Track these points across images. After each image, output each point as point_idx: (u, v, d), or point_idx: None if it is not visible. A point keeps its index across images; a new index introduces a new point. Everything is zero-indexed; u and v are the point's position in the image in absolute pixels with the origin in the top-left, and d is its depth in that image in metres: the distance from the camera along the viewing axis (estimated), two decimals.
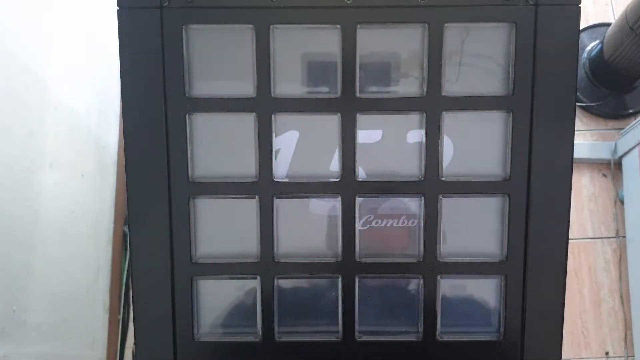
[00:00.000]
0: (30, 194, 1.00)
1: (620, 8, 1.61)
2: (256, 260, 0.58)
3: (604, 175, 1.56)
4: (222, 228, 0.59)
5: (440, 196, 0.58)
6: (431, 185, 0.58)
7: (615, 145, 1.54)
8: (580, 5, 0.56)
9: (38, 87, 1.03)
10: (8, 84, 0.91)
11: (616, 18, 1.46)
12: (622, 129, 1.54)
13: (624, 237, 1.50)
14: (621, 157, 1.52)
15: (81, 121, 1.23)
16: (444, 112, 0.57)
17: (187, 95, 0.57)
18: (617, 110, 1.59)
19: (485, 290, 0.60)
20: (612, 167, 1.54)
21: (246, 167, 0.58)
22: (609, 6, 1.68)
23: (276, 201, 0.58)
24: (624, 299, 1.47)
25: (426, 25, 0.56)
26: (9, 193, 0.92)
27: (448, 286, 0.60)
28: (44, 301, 1.05)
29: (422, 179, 0.58)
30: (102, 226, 1.34)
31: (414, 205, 0.59)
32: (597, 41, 1.59)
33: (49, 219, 1.07)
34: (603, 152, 1.56)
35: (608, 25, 1.57)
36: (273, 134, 0.58)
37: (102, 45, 1.29)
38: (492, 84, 0.58)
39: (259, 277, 0.58)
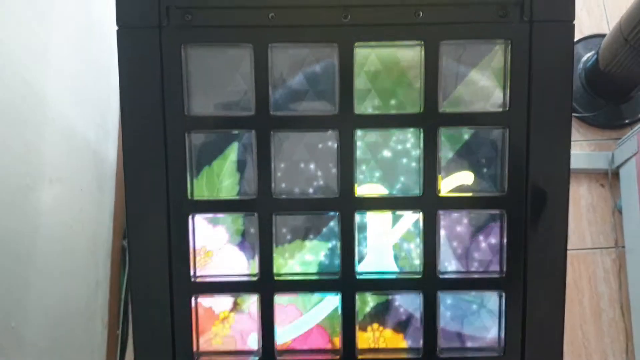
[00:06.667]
0: (29, 208, 1.00)
1: (614, 19, 1.62)
2: (255, 279, 0.58)
3: (602, 185, 1.56)
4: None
5: (439, 211, 0.58)
6: (429, 201, 0.58)
7: (613, 155, 1.54)
8: (574, 21, 0.57)
9: (36, 101, 1.03)
10: (6, 97, 0.91)
11: (611, 29, 1.47)
12: (619, 139, 1.54)
13: (623, 247, 1.50)
14: (618, 167, 1.52)
15: (80, 135, 1.23)
16: (441, 129, 0.58)
17: (186, 113, 0.58)
18: (613, 120, 1.60)
19: (485, 305, 0.60)
20: (610, 177, 1.55)
21: (245, 184, 0.58)
22: (603, 17, 1.69)
23: (275, 218, 0.58)
24: (624, 309, 1.47)
25: (422, 42, 0.57)
26: (7, 208, 0.92)
27: (448, 301, 0.60)
28: (43, 317, 1.04)
29: (421, 194, 0.58)
30: (101, 240, 1.34)
31: None
32: (593, 52, 1.60)
33: (47, 234, 1.06)
34: (600, 162, 1.56)
35: (603, 36, 1.58)
36: (272, 151, 0.58)
37: (100, 58, 1.29)
38: (488, 100, 0.58)
39: (257, 295, 0.58)
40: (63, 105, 1.12)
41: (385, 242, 0.60)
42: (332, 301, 0.59)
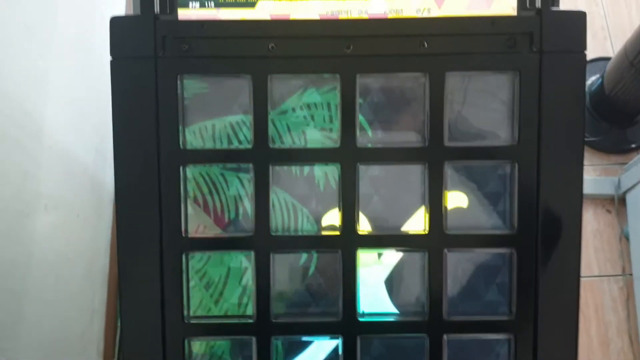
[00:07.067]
0: (24, 237, 0.98)
1: (618, 42, 1.61)
2: (252, 321, 0.56)
3: (608, 211, 1.53)
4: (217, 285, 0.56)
5: (446, 250, 0.55)
6: (435, 239, 0.55)
7: (619, 181, 1.52)
8: (585, 52, 0.55)
9: (33, 128, 1.01)
10: (4, 126, 0.90)
11: (615, 52, 1.46)
12: (625, 163, 1.52)
13: (631, 274, 1.47)
14: (625, 192, 1.50)
15: (77, 160, 1.22)
16: (446, 163, 0.55)
17: (181, 147, 0.55)
18: (619, 144, 1.58)
19: (494, 349, 0.57)
20: (616, 203, 1.52)
21: (242, 220, 0.56)
22: (607, 40, 1.68)
23: (273, 256, 0.55)
24: (633, 339, 1.43)
25: (427, 74, 0.55)
26: (1, 236, 0.90)
27: (454, 343, 0.57)
28: (37, 347, 1.01)
29: (426, 232, 0.55)
30: (98, 266, 1.31)
31: None
32: (597, 75, 1.59)
33: (42, 263, 1.04)
34: (606, 187, 1.53)
35: (607, 59, 1.56)
36: (270, 186, 0.56)
37: (101, 84, 1.28)
38: (497, 133, 0.56)
39: (254, 338, 0.56)
40: (61, 132, 1.11)
41: (376, 278, 0.57)
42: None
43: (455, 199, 0.56)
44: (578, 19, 0.54)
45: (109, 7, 1.35)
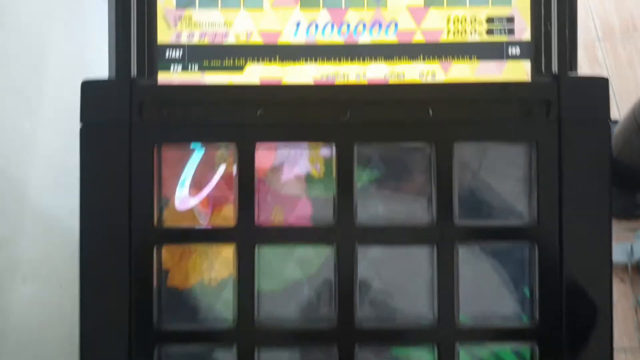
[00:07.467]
0: None
1: (624, 105, 1.58)
2: None
3: (622, 280, 1.45)
4: None
5: (457, 345, 0.48)
6: (446, 333, 0.48)
7: (631, 248, 1.45)
8: (609, 119, 0.49)
9: (15, 193, 0.96)
10: None
11: (621, 115, 1.43)
12: (637, 229, 1.46)
13: None
14: (639, 259, 1.43)
15: (62, 223, 1.15)
16: (457, 244, 0.49)
17: (155, 225, 0.49)
18: (629, 210, 1.52)
19: None
20: (630, 271, 1.44)
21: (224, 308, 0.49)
22: (613, 102, 1.66)
23: (258, 355, 0.48)
24: None
25: (433, 144, 0.49)
26: None
27: None
28: None
29: (435, 324, 0.48)
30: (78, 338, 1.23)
31: None
32: None
33: (18, 339, 0.96)
34: (618, 254, 1.46)
35: (614, 122, 1.53)
36: (256, 269, 0.49)
37: None
38: (513, 210, 0.50)
39: None
40: (46, 196, 1.05)
41: None
42: None
43: (468, 285, 0.49)
44: (599, 85, 0.49)
45: (101, 71, 1.33)
